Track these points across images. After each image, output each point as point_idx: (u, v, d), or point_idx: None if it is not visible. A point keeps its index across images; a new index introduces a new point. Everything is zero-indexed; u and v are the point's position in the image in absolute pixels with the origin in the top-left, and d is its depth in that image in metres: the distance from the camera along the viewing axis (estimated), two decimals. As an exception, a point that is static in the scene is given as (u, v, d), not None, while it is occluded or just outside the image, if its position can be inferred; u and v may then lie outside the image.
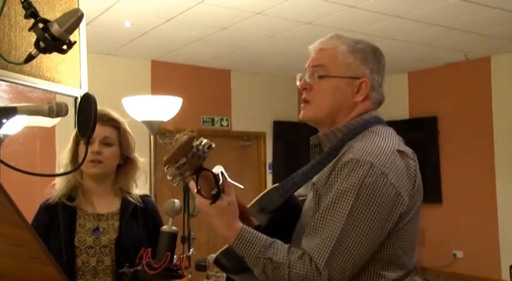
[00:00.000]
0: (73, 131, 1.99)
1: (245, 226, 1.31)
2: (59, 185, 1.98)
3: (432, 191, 6.75)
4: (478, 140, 6.68)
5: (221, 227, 1.31)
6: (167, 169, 1.23)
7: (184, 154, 1.20)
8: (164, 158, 1.23)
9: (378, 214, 1.27)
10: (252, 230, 1.30)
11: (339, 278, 1.25)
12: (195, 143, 1.21)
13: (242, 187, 1.54)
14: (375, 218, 1.27)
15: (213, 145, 1.24)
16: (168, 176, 1.25)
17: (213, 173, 1.27)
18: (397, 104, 7.33)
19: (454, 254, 6.85)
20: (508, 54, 6.39)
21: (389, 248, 1.33)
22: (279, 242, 1.30)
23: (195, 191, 1.30)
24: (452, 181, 6.92)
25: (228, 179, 1.32)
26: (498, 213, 6.49)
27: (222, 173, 1.29)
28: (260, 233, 1.30)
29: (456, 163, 6.89)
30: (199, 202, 1.31)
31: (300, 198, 1.50)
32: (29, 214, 1.93)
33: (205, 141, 1.23)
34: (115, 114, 2.01)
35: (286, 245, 1.29)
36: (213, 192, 1.28)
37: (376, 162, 1.29)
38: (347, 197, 1.27)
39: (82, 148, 1.94)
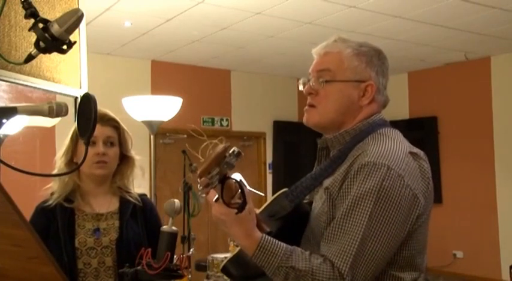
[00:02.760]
0: (70, 131, 1.98)
1: (264, 235, 1.28)
2: (55, 187, 1.96)
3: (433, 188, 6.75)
4: (478, 140, 6.68)
5: (240, 237, 1.28)
6: (201, 179, 1.22)
7: (218, 164, 1.19)
8: (200, 169, 1.21)
9: (397, 216, 1.27)
10: (271, 238, 1.28)
11: None
12: (228, 152, 1.21)
13: (263, 194, 1.52)
14: (395, 221, 1.27)
15: (242, 153, 1.22)
16: (198, 186, 1.23)
17: (238, 182, 1.25)
18: (397, 104, 7.33)
19: (454, 254, 6.85)
20: (508, 54, 6.39)
21: (406, 251, 1.33)
22: (299, 249, 1.29)
23: (215, 200, 1.27)
24: (452, 181, 6.91)
25: (248, 187, 1.30)
26: (498, 213, 6.49)
27: (241, 180, 1.27)
28: (279, 241, 1.28)
29: (456, 163, 6.89)
30: (219, 211, 1.27)
31: (304, 201, 1.50)
32: (29, 214, 1.93)
33: (236, 150, 1.21)
34: (113, 114, 2.01)
35: (307, 252, 1.28)
36: (239, 201, 1.26)
37: (393, 165, 1.29)
38: (366, 200, 1.26)
39: (81, 147, 1.94)
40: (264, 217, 1.38)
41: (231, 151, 1.21)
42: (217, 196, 1.27)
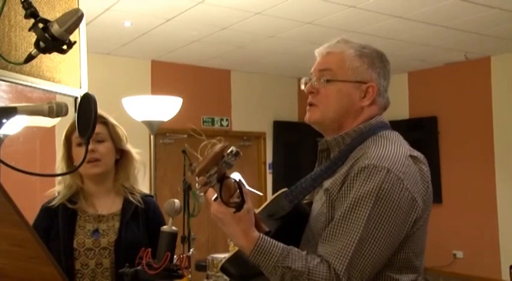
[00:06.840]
0: (63, 136, 1.98)
1: (262, 235, 1.29)
2: (59, 190, 1.97)
3: (432, 191, 6.75)
4: (478, 140, 6.68)
5: (237, 236, 1.29)
6: (199, 178, 1.23)
7: (216, 163, 1.20)
8: (198, 168, 1.22)
9: (395, 219, 1.28)
10: (269, 238, 1.29)
11: None
12: (226, 152, 1.21)
13: (261, 194, 1.52)
14: (393, 224, 1.27)
15: (241, 153, 1.23)
16: (197, 185, 1.24)
17: (236, 181, 1.26)
18: (397, 104, 7.32)
19: (454, 254, 6.85)
20: (508, 54, 6.39)
21: (403, 253, 1.34)
22: (296, 249, 1.29)
23: (214, 199, 1.28)
24: (452, 181, 6.91)
25: (246, 186, 1.30)
26: (498, 213, 6.49)
27: (240, 180, 1.27)
28: (276, 241, 1.29)
29: (456, 162, 6.89)
30: (218, 210, 1.28)
31: (305, 201, 1.50)
32: (29, 214, 1.92)
33: (234, 150, 1.22)
34: (100, 110, 2.01)
35: (304, 252, 1.29)
36: (237, 200, 1.27)
37: (393, 167, 1.29)
38: (365, 202, 1.27)
39: (75, 151, 1.95)
40: (263, 216, 1.39)
41: (229, 151, 1.21)
42: (216, 195, 1.28)
